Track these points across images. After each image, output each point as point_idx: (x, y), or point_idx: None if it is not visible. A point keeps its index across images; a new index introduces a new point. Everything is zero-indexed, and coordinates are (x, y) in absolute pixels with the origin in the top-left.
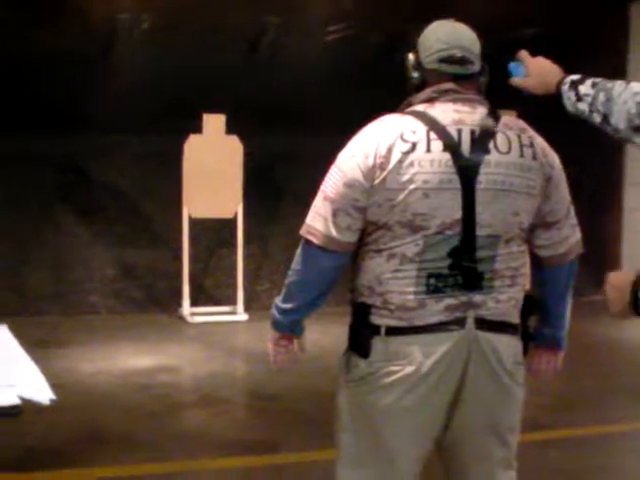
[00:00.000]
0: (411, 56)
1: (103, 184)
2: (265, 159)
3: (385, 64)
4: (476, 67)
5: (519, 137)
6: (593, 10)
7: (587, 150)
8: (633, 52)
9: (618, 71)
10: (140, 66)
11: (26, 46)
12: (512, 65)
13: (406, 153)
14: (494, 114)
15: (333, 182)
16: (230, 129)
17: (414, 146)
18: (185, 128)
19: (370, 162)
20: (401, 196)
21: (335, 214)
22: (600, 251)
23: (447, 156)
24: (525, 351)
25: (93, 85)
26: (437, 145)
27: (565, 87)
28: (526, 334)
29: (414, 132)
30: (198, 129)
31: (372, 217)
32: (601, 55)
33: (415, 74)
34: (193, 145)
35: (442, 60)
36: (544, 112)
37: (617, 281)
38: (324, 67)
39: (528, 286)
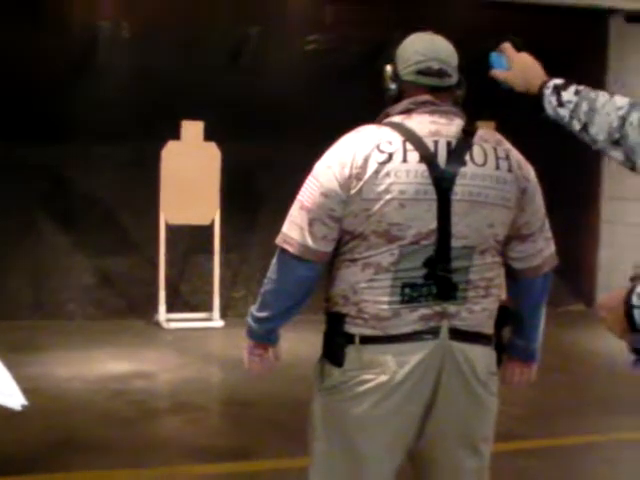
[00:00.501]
0: (389, 68)
1: (81, 191)
2: (243, 166)
3: (365, 73)
4: (453, 80)
5: (495, 150)
6: (573, 22)
7: (565, 163)
8: (612, 63)
9: (597, 83)
10: (120, 73)
11: (5, 54)
12: (494, 55)
13: (382, 163)
14: (471, 126)
15: (310, 192)
16: (208, 136)
17: (390, 156)
18: (163, 135)
19: (346, 172)
20: (377, 206)
21: (311, 223)
22: (577, 263)
23: (423, 167)
24: (499, 362)
25: (73, 93)
26: (413, 156)
27: (548, 91)
28: (500, 345)
29: (390, 143)
30: (176, 136)
31: (348, 227)
32: (580, 66)
33: (392, 85)
34: (171, 151)
35: (419, 72)
36: (522, 124)
37: (610, 302)
38: (304, 76)
39: (504, 296)
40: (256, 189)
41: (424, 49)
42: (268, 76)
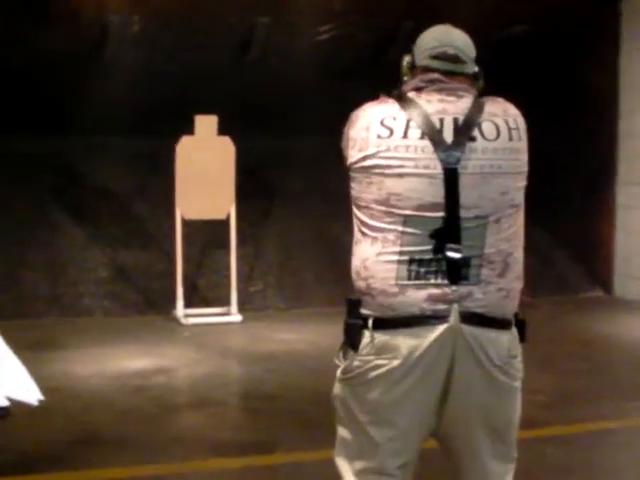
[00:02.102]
0: (407, 58)
1: (96, 186)
2: (258, 160)
3: (377, 63)
4: (468, 68)
5: (506, 122)
6: (584, 8)
7: (580, 148)
8: (624, 49)
9: (609, 69)
10: (132, 67)
11: (17, 46)
12: None
13: (384, 138)
14: (479, 102)
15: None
16: (222, 130)
17: (392, 132)
18: (177, 129)
19: (357, 140)
20: (377, 177)
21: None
22: (593, 250)
23: (425, 143)
24: (522, 338)
25: (85, 86)
26: (415, 132)
27: None
28: (520, 322)
29: (395, 119)
30: (190, 130)
31: (356, 192)
32: (592, 53)
33: (409, 74)
34: (185, 146)
35: (434, 57)
36: (535, 110)
37: None
38: (316, 66)
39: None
40: (271, 182)
41: (440, 36)
42: (280, 68)
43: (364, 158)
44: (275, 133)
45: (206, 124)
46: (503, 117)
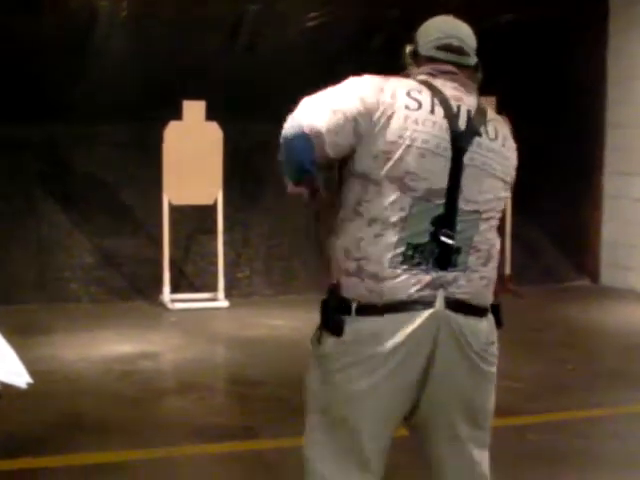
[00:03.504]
0: (409, 47)
1: (83, 172)
2: (246, 145)
3: (366, 49)
4: (472, 60)
5: (502, 128)
6: None
7: (566, 137)
8: (612, 39)
9: (596, 60)
10: (120, 53)
11: (4, 33)
12: None
13: (412, 110)
14: (483, 104)
15: (340, 93)
16: (210, 116)
17: (420, 105)
18: (165, 115)
19: (380, 99)
20: (399, 150)
21: (334, 113)
22: (580, 239)
23: (446, 124)
24: (499, 323)
25: (72, 72)
26: (439, 110)
27: None
28: (494, 307)
29: (420, 92)
30: (178, 116)
31: (365, 169)
32: (580, 42)
33: (412, 64)
34: (173, 132)
35: (439, 48)
36: (523, 100)
37: None
38: (304, 53)
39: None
40: (258, 168)
41: (445, 27)
42: (268, 53)
43: (388, 126)
44: (263, 119)
45: (194, 110)
46: (501, 123)
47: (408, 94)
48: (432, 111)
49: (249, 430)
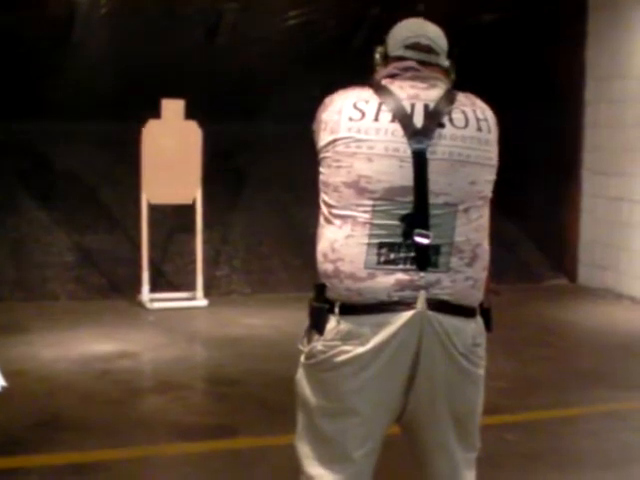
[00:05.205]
0: (379, 49)
1: (62, 169)
2: (225, 144)
3: (345, 48)
4: (441, 59)
5: (474, 112)
6: None
7: (545, 137)
8: (592, 37)
9: (576, 59)
10: (98, 51)
11: None
12: None
13: (355, 120)
14: (450, 93)
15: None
16: (189, 114)
17: (363, 115)
18: (144, 113)
19: (324, 117)
20: (347, 159)
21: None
22: (558, 238)
23: (396, 126)
24: (488, 327)
25: (51, 70)
26: (385, 116)
27: None
28: (484, 311)
29: (367, 102)
30: (157, 115)
31: (324, 177)
32: (559, 42)
33: (381, 66)
34: (152, 131)
35: (407, 47)
36: (504, 96)
37: None
38: (284, 52)
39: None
40: (237, 167)
41: (414, 27)
42: (247, 52)
43: (335, 140)
44: (242, 118)
45: (173, 108)
46: (471, 108)
47: (354, 105)
48: (376, 119)
49: (228, 429)
